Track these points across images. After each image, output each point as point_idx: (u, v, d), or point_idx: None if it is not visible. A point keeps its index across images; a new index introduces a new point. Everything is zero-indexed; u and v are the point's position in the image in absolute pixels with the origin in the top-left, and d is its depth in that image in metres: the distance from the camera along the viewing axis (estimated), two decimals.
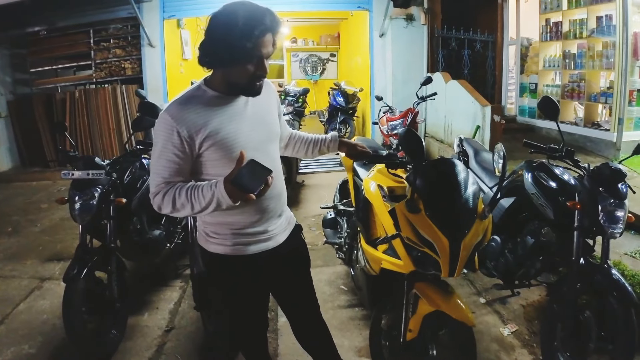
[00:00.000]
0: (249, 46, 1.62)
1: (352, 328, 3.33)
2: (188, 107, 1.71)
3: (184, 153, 1.70)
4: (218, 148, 1.72)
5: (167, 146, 1.69)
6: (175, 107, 1.71)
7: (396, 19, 8.32)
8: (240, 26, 1.61)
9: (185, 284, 4.02)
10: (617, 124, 6.60)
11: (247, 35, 1.61)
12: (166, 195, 1.70)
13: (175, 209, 1.70)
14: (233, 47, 1.63)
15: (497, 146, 2.40)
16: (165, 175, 1.71)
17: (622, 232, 2.61)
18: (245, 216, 1.87)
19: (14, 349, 3.17)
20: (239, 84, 1.74)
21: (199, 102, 1.74)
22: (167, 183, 1.71)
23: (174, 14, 8.44)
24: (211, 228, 1.91)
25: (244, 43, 1.62)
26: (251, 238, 1.91)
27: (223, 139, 1.73)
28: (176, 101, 1.74)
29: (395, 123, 6.85)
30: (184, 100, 1.74)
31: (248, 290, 2.02)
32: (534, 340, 3.15)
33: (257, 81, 1.74)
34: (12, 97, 8.65)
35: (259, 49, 1.65)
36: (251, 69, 1.69)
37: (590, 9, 7.13)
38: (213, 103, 1.76)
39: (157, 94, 8.18)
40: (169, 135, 1.68)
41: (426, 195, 2.13)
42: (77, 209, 3.04)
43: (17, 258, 4.71)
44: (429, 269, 2.15)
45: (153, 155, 1.76)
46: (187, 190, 1.67)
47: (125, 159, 3.51)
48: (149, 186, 1.77)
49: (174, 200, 1.68)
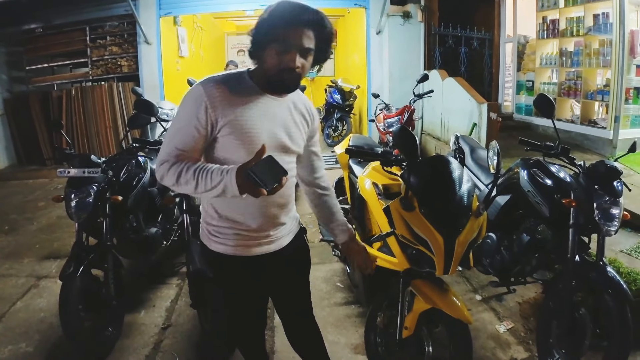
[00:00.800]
0: (281, 32, 1.64)
1: (348, 325, 3.34)
2: (224, 88, 1.70)
3: (204, 130, 1.68)
4: (236, 137, 1.70)
5: (191, 118, 1.67)
6: (212, 84, 1.69)
7: (393, 16, 8.30)
8: (279, 11, 1.65)
9: (181, 282, 4.02)
10: (614, 121, 6.61)
11: (284, 22, 1.64)
12: (173, 167, 1.66)
13: (178, 183, 1.66)
14: (269, 32, 1.65)
15: (491, 143, 2.40)
16: (180, 146, 1.68)
17: (617, 230, 2.62)
18: (249, 218, 1.85)
19: (11, 347, 3.16)
20: (270, 74, 1.71)
21: (235, 87, 1.73)
22: (179, 156, 1.68)
23: (170, 11, 8.41)
24: (214, 227, 1.90)
25: (278, 29, 1.64)
26: (254, 240, 1.90)
27: (242, 131, 1.71)
28: (214, 78, 1.73)
29: (391, 120, 6.84)
30: (223, 80, 1.73)
31: (248, 289, 2.01)
32: (529, 337, 3.16)
33: (287, 74, 1.70)
34: (9, 95, 8.63)
35: (290, 35, 1.65)
36: (281, 58, 1.67)
37: (587, 7, 7.14)
38: (248, 93, 1.74)
39: (154, 92, 8.17)
40: (197, 108, 1.66)
41: (420, 193, 2.14)
42: (73, 207, 3.03)
43: (14, 256, 4.70)
44: (424, 266, 2.16)
45: (173, 123, 1.74)
46: (195, 168, 1.62)
47: (122, 156, 3.51)
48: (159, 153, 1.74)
49: (179, 174, 1.64)
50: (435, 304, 2.19)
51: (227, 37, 13.31)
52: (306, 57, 1.71)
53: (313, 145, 2.10)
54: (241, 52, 12.97)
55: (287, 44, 1.65)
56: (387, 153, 2.40)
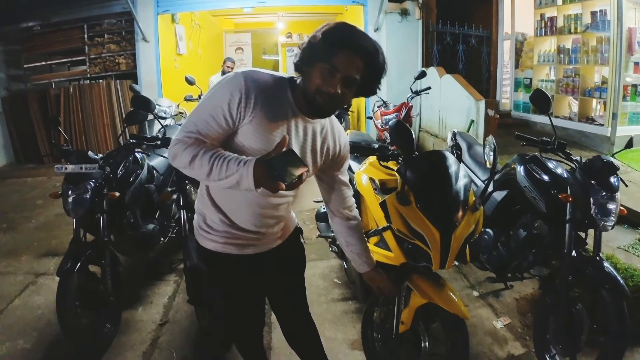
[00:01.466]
0: (332, 48, 1.57)
1: (346, 321, 3.34)
2: (263, 85, 1.64)
3: (231, 120, 1.62)
4: (251, 139, 1.65)
5: (222, 105, 1.61)
6: (255, 78, 1.64)
7: (391, 13, 8.31)
8: (336, 31, 1.60)
9: (179, 278, 4.02)
10: (611, 118, 6.62)
11: (337, 39, 1.58)
12: (189, 148, 1.59)
13: (191, 165, 1.59)
14: (321, 45, 1.59)
15: (487, 139, 2.41)
16: (202, 129, 1.62)
17: (614, 225, 2.62)
18: (240, 221, 1.84)
19: (9, 344, 3.16)
20: (308, 90, 1.63)
21: (273, 90, 1.67)
22: (197, 140, 1.62)
23: (168, 8, 8.42)
24: (206, 221, 1.89)
25: (330, 43, 1.58)
26: (244, 241, 1.89)
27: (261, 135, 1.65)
28: (259, 73, 1.68)
29: (389, 117, 6.85)
30: (266, 78, 1.67)
31: (241, 287, 2.01)
32: (526, 333, 3.17)
33: (323, 97, 1.61)
34: (7, 93, 8.64)
35: (340, 59, 1.57)
36: (320, 81, 1.59)
37: (584, 4, 7.14)
38: (282, 103, 1.69)
39: (152, 89, 8.18)
40: (232, 93, 1.60)
41: (417, 188, 2.14)
42: (71, 203, 3.03)
43: (12, 254, 4.69)
44: (420, 261, 2.16)
45: (202, 103, 1.67)
46: (212, 154, 1.56)
47: (119, 153, 3.50)
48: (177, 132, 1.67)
49: (194, 157, 1.57)
50: (431, 299, 2.18)
51: (225, 35, 13.28)
52: (349, 86, 1.63)
53: (341, 174, 2.03)
54: (239, 50, 12.97)
55: (333, 67, 1.57)
56: (384, 148, 2.40)
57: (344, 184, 2.06)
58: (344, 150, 1.97)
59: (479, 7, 9.73)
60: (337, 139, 1.92)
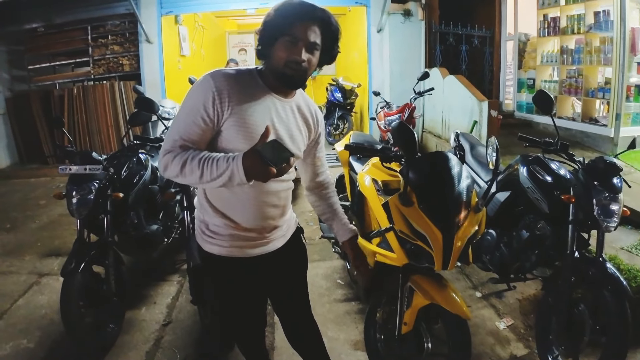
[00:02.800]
0: (286, 27, 1.66)
1: (348, 322, 3.35)
2: (233, 81, 1.69)
3: (210, 121, 1.67)
4: (238, 131, 1.69)
5: (198, 108, 1.66)
6: (221, 76, 1.69)
7: (394, 14, 8.31)
8: (286, 8, 1.68)
9: (182, 279, 4.03)
10: (615, 119, 6.62)
11: (289, 13, 1.67)
12: (177, 156, 1.64)
13: (182, 172, 1.64)
14: (275, 24, 1.68)
15: (490, 140, 2.41)
16: (185, 136, 1.67)
17: (616, 226, 2.62)
18: (244, 219, 1.85)
19: (13, 343, 3.18)
20: (276, 70, 1.71)
21: (244, 83, 1.73)
22: (182, 146, 1.67)
23: (171, 10, 8.42)
24: (209, 227, 1.89)
25: (283, 25, 1.66)
26: (248, 242, 1.89)
27: (246, 125, 1.70)
28: (223, 71, 1.73)
29: (392, 118, 6.85)
30: (233, 74, 1.72)
31: (243, 289, 2.01)
32: (529, 333, 3.17)
33: (293, 67, 1.70)
34: (10, 94, 8.64)
35: (297, 29, 1.66)
36: (286, 54, 1.68)
37: (587, 5, 7.14)
38: (255, 90, 1.74)
39: (155, 90, 8.18)
40: (205, 98, 1.65)
41: (419, 189, 2.14)
42: (75, 204, 3.04)
43: (15, 254, 4.72)
44: (423, 261, 2.16)
45: (179, 113, 1.73)
46: (201, 157, 1.61)
47: (123, 153, 3.52)
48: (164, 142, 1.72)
49: (183, 163, 1.62)
50: (434, 300, 2.19)
51: (229, 36, 13.31)
52: (312, 52, 1.72)
53: (318, 151, 2.09)
54: (242, 51, 12.98)
55: (294, 37, 1.66)
56: (387, 149, 2.40)
57: (319, 160, 2.12)
58: (321, 126, 2.04)
59: (482, 7, 9.73)
60: (314, 115, 1.99)
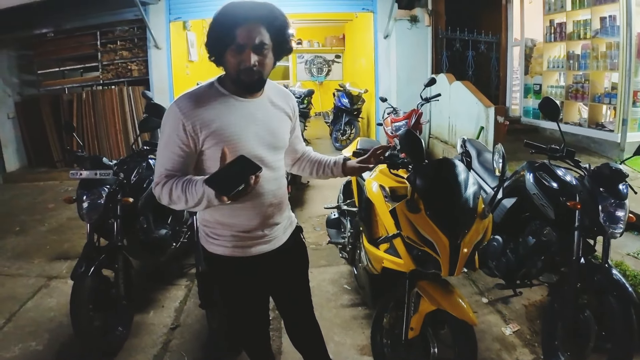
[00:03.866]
0: (229, 30, 1.66)
1: (355, 327, 3.36)
2: (197, 102, 1.73)
3: (188, 147, 1.72)
4: (220, 148, 1.69)
5: (173, 138, 1.71)
6: (185, 101, 1.73)
7: (400, 20, 8.33)
8: (226, 13, 1.68)
9: (190, 283, 4.06)
10: (621, 124, 6.59)
11: (225, 23, 1.67)
12: (165, 186, 1.70)
13: (172, 200, 1.70)
14: (218, 32, 1.69)
15: (496, 146, 2.43)
16: (168, 166, 1.73)
17: (622, 232, 2.63)
18: (244, 220, 1.89)
19: (21, 345, 3.21)
20: (231, 77, 1.75)
21: (209, 99, 1.75)
22: (169, 175, 1.72)
23: (179, 16, 8.48)
24: (211, 229, 1.94)
25: (225, 26, 1.67)
26: (250, 241, 1.93)
27: (227, 139, 1.73)
28: (186, 95, 1.76)
29: (399, 124, 6.87)
30: (195, 95, 1.76)
31: (247, 289, 2.04)
32: (535, 339, 3.17)
33: (246, 74, 1.71)
34: (20, 98, 8.71)
35: (240, 35, 1.66)
36: (235, 60, 1.70)
37: (594, 10, 7.13)
38: (222, 102, 1.77)
39: (164, 95, 8.23)
40: (176, 128, 1.70)
41: (426, 195, 2.16)
42: (85, 208, 3.08)
43: (24, 257, 4.76)
44: (430, 267, 2.18)
45: (159, 145, 1.78)
46: (183, 183, 1.67)
47: (132, 159, 3.56)
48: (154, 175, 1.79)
49: (170, 192, 1.68)
50: (440, 305, 2.21)
51: None
52: (262, 52, 1.72)
53: (295, 130, 2.16)
54: None
55: (238, 44, 1.68)
56: (394, 156, 2.42)
57: (299, 137, 2.24)
58: (297, 110, 2.09)
59: (488, 13, 9.73)
60: (289, 103, 2.03)
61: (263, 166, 1.62)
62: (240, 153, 1.58)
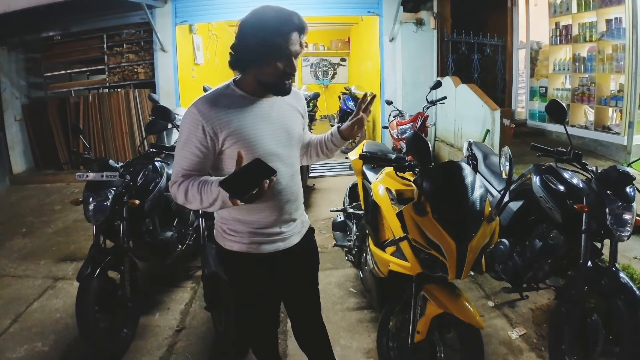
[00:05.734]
0: (279, 42, 1.71)
1: (361, 330, 3.35)
2: (216, 103, 1.77)
3: (206, 148, 1.76)
4: (239, 147, 1.75)
5: (191, 139, 1.75)
6: (204, 103, 1.77)
7: (406, 23, 8.33)
8: (271, 24, 1.70)
9: (196, 285, 4.07)
10: (628, 127, 6.56)
11: (278, 32, 1.70)
12: (181, 185, 1.75)
13: (187, 199, 1.75)
14: (265, 44, 1.71)
15: (503, 149, 2.42)
16: (185, 166, 1.77)
17: (630, 235, 2.62)
18: (262, 216, 1.92)
19: (27, 346, 3.23)
20: (269, 82, 1.80)
21: (226, 100, 1.80)
22: (185, 175, 1.77)
23: (186, 19, 8.51)
24: (229, 226, 1.96)
25: (274, 39, 1.70)
26: (267, 238, 1.96)
27: (245, 138, 1.78)
28: (205, 97, 1.80)
29: (405, 127, 6.86)
30: (213, 97, 1.80)
31: (261, 287, 2.06)
32: (542, 343, 3.15)
33: (287, 79, 1.81)
34: (27, 100, 8.78)
35: (288, 46, 1.72)
36: (281, 67, 1.75)
37: (599, 12, 7.11)
38: (240, 103, 1.82)
39: (170, 98, 8.28)
40: (194, 129, 1.74)
41: (433, 198, 2.16)
42: (91, 210, 3.10)
43: (31, 258, 4.79)
44: (436, 271, 2.18)
45: (177, 145, 1.82)
46: (199, 183, 1.70)
47: (139, 161, 3.57)
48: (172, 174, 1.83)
49: (186, 191, 1.73)
50: (447, 309, 2.20)
51: None
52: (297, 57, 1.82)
53: (305, 132, 2.22)
54: None
55: (285, 53, 1.73)
56: (400, 159, 2.42)
57: (307, 130, 2.26)
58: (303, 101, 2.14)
59: (494, 16, 9.73)
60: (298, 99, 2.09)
61: (280, 163, 1.72)
62: (258, 150, 1.68)
